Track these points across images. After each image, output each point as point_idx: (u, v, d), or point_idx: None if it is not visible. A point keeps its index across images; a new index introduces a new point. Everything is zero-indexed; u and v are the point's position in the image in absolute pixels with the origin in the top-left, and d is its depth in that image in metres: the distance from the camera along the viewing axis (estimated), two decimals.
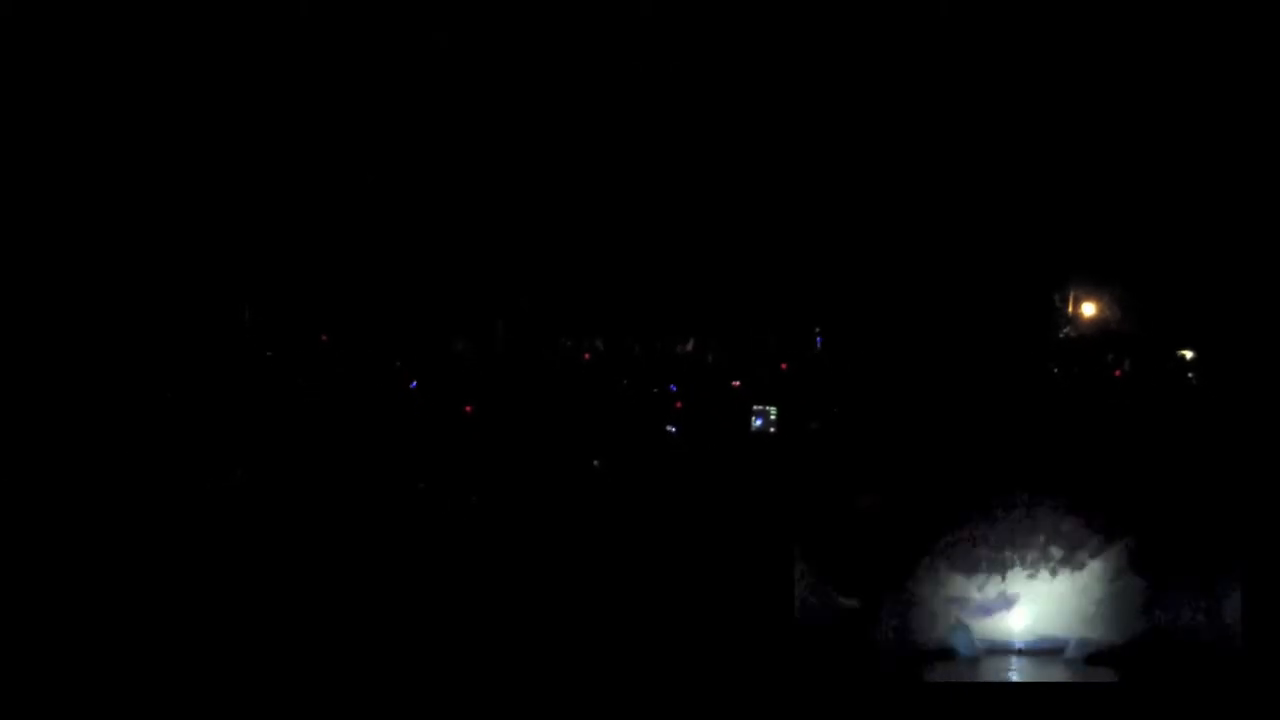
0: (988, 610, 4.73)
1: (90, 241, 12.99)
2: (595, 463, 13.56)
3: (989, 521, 5.12)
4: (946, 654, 4.69)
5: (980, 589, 4.85)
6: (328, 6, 13.60)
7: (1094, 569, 4.83)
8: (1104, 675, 4.66)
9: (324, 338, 14.09)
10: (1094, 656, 4.66)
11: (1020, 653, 4.70)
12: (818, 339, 14.37)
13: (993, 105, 13.88)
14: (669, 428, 13.37)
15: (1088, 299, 14.10)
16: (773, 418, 13.64)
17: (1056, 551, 4.90)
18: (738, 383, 14.58)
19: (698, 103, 14.22)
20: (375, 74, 13.79)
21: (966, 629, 4.32)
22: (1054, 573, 4.83)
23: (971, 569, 4.96)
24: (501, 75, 14.00)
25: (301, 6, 13.48)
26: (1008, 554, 4.99)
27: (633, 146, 14.49)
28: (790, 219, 14.44)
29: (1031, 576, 4.81)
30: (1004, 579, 4.81)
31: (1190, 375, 13.95)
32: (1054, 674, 4.60)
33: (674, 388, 14.59)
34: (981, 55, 13.90)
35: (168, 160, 13.43)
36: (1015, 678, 4.59)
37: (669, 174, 14.50)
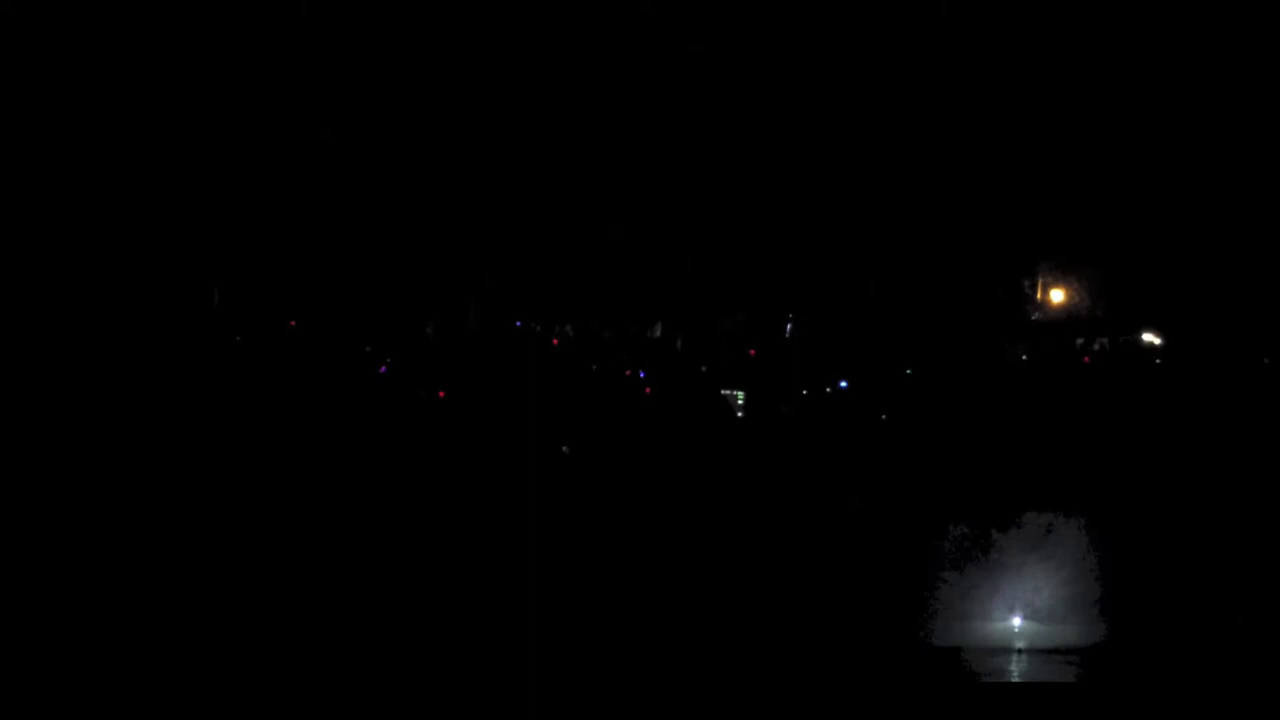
0: (987, 609, 4.69)
1: (58, 228, 12.79)
2: (564, 448, 13.51)
3: (985, 522, 5.08)
4: (946, 652, 4.65)
5: (977, 587, 4.82)
6: None
7: (1093, 567, 4.81)
8: (1101, 674, 4.62)
9: (292, 323, 13.94)
10: (1092, 655, 4.63)
11: (1020, 652, 4.67)
12: (789, 324, 14.38)
13: (965, 100, 13.94)
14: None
15: (1057, 285, 14.18)
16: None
17: (1054, 548, 4.88)
18: (705, 368, 14.59)
19: (668, 93, 14.18)
20: (347, 65, 13.66)
21: None
22: (1052, 570, 4.80)
23: (968, 567, 4.92)
24: (472, 63, 13.90)
25: None
26: (1005, 553, 4.96)
27: (601, 133, 14.42)
28: (760, 203, 14.44)
29: (1029, 574, 4.78)
30: (1002, 577, 4.78)
31: (1158, 360, 14.06)
32: (1054, 674, 4.57)
33: (643, 374, 14.57)
34: (951, 49, 13.95)
35: (139, 148, 13.25)
36: (1015, 678, 4.55)
37: (637, 160, 14.46)
